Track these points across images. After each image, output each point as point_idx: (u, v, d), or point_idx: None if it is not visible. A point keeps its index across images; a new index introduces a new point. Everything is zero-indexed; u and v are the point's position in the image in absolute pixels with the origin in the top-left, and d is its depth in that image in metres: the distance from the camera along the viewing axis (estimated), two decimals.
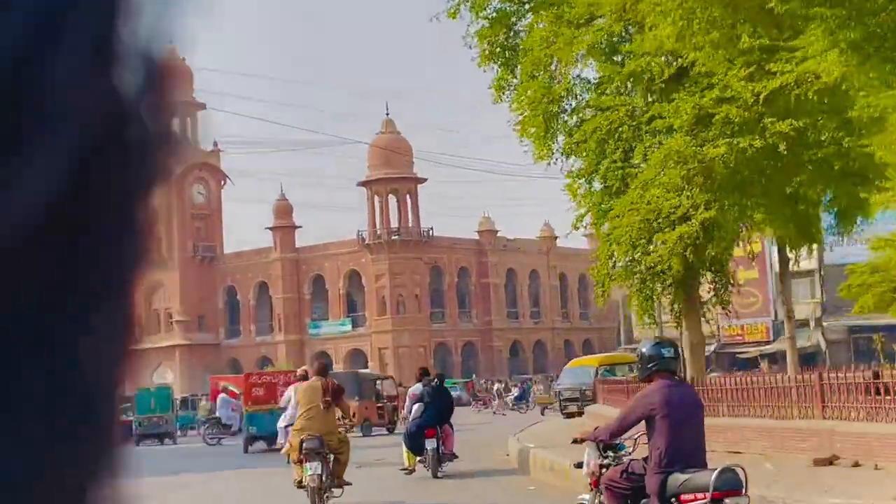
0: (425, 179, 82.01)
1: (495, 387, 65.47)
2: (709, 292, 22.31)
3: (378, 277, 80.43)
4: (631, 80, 21.10)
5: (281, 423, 19.18)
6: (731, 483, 6.95)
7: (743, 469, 7.14)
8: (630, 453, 7.74)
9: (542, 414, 40.83)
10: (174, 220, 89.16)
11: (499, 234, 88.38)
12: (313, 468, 12.35)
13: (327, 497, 12.82)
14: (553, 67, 21.52)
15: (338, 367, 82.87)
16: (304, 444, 12.24)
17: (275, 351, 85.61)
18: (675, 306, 21.44)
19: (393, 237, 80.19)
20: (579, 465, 8.04)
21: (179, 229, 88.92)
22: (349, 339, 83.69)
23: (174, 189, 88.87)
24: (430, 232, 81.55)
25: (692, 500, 6.94)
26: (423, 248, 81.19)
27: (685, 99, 18.94)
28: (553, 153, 22.09)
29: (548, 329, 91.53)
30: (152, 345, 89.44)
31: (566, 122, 22.41)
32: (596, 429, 7.80)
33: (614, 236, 20.24)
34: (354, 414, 22.17)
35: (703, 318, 21.69)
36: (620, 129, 20.88)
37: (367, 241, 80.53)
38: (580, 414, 27.82)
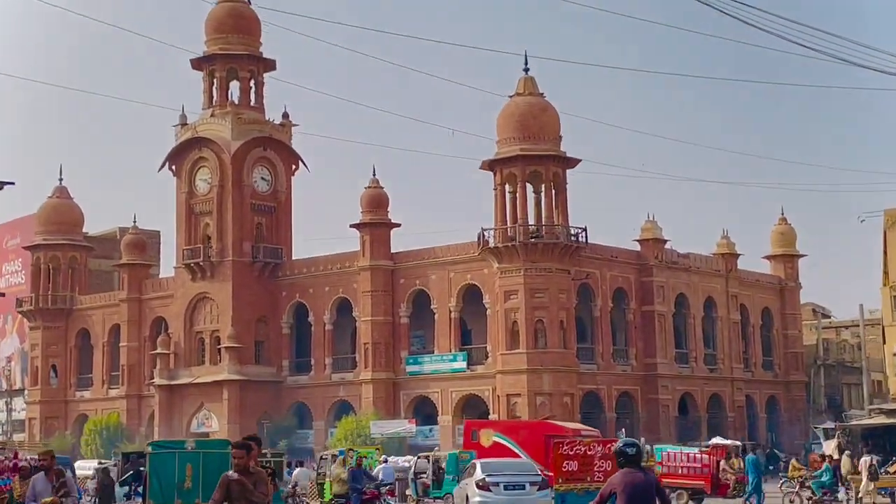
0: (578, 161, 58.57)
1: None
2: None
3: (508, 295, 56.81)
4: None
5: None
6: None
7: None
8: None
9: None
10: (227, 214, 66.82)
11: (667, 247, 64.56)
12: None
13: None
14: None
15: (444, 419, 59.81)
16: None
17: (357, 393, 62.34)
18: None
19: (531, 239, 56.69)
20: None
21: (234, 226, 66.54)
22: (462, 380, 59.90)
23: (229, 173, 66.62)
24: (584, 235, 57.84)
25: None
26: (572, 257, 57.67)
27: None
28: None
29: (726, 380, 67.24)
30: (192, 379, 66.95)
31: None
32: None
33: None
34: None
35: None
36: None
37: (493, 245, 57.10)
38: None
